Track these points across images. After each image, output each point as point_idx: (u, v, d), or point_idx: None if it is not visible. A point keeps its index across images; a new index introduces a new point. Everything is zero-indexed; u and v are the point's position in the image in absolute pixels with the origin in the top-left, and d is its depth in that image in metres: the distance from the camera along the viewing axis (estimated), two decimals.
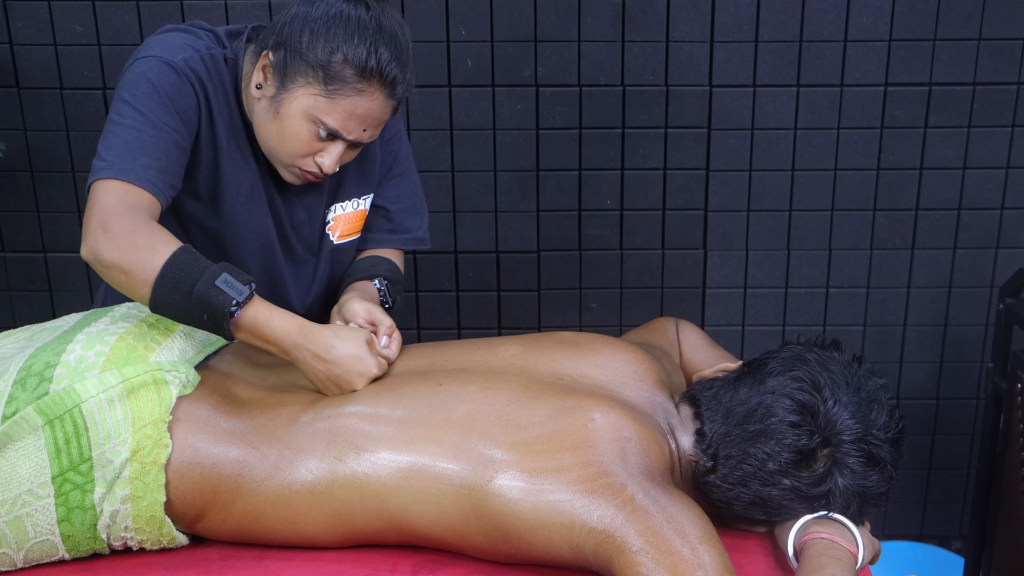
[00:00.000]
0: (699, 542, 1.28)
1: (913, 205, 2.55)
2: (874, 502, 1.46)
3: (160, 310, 1.44)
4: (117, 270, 1.43)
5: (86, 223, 1.45)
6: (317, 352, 1.46)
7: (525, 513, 1.33)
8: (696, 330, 1.83)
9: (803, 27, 2.43)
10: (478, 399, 1.42)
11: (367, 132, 1.58)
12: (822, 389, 1.43)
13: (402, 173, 1.86)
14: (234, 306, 1.42)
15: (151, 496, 1.39)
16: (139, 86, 1.52)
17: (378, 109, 1.56)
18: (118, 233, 1.42)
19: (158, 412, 1.40)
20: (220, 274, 1.42)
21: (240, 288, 1.42)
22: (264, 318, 1.46)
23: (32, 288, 2.60)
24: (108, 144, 1.50)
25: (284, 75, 1.54)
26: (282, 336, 1.46)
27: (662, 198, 2.54)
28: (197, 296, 1.41)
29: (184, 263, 1.42)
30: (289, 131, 1.56)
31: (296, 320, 1.48)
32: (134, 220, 1.44)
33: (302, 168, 1.60)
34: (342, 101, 1.53)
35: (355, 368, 1.47)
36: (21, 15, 2.41)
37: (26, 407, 1.36)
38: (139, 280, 1.42)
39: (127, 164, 1.47)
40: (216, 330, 1.44)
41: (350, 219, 1.81)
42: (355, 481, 1.39)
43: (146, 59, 1.55)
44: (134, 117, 1.50)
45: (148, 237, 1.44)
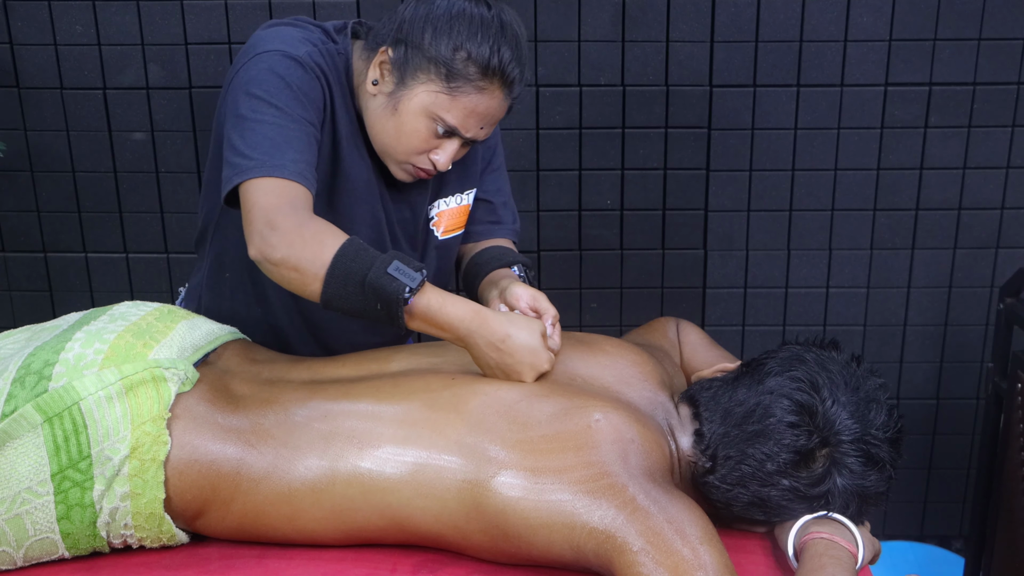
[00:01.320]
0: (699, 542, 1.28)
1: (913, 205, 2.55)
2: (873, 502, 1.46)
3: (333, 304, 1.43)
4: (287, 267, 1.42)
5: (248, 224, 1.44)
6: (492, 340, 1.44)
7: (526, 512, 1.33)
8: (696, 330, 1.83)
9: (803, 27, 2.43)
10: (491, 392, 1.42)
11: (483, 130, 1.58)
12: (820, 389, 1.43)
13: (499, 167, 1.86)
14: (407, 293, 1.40)
15: (150, 493, 1.39)
16: (269, 81, 1.50)
17: (496, 108, 1.56)
18: (285, 230, 1.42)
19: (157, 409, 1.40)
20: (391, 262, 1.42)
21: (412, 275, 1.41)
22: (438, 304, 1.44)
23: (32, 288, 2.60)
24: (250, 141, 1.48)
25: (404, 71, 1.54)
26: (456, 322, 1.45)
27: (662, 198, 2.54)
28: (370, 285, 1.40)
29: (354, 254, 1.42)
30: (407, 128, 1.55)
31: (471, 306, 1.46)
32: (298, 216, 1.43)
33: (415, 165, 1.60)
34: (463, 99, 1.53)
35: (527, 359, 1.45)
36: (21, 15, 2.41)
37: (25, 405, 1.36)
38: (310, 275, 1.41)
39: (276, 160, 1.46)
40: (390, 319, 1.42)
41: (454, 214, 1.81)
42: (357, 477, 1.39)
43: (268, 54, 1.53)
44: (272, 113, 1.49)
45: (315, 232, 1.43)
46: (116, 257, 2.59)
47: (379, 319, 1.43)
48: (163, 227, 2.56)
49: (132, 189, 2.53)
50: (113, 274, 2.60)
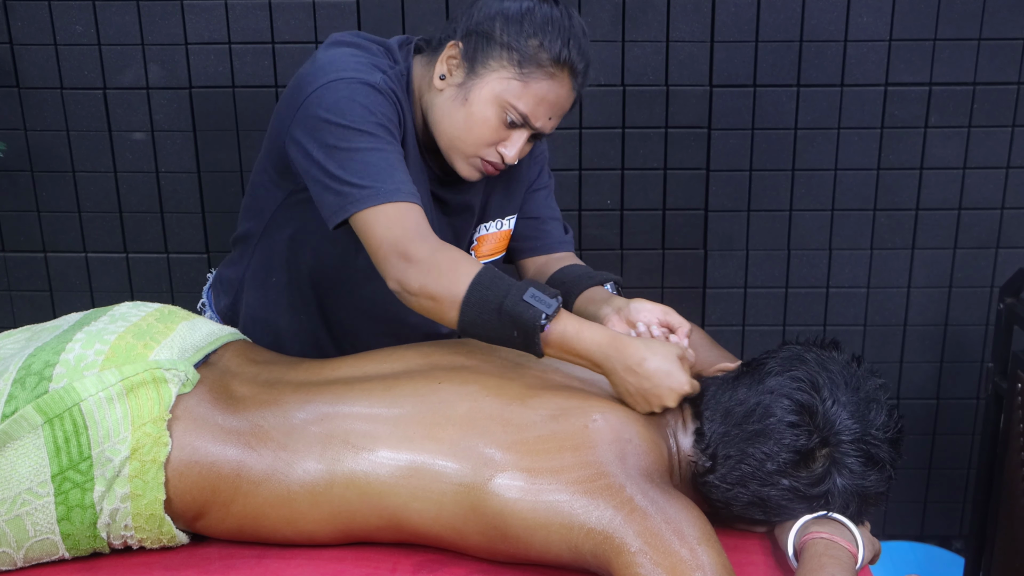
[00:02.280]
0: (697, 543, 1.28)
1: (913, 205, 2.55)
2: (873, 502, 1.46)
3: (469, 331, 1.44)
4: (424, 296, 1.44)
5: (381, 258, 1.46)
6: (629, 365, 1.43)
7: (524, 513, 1.33)
8: (696, 330, 1.83)
9: (803, 27, 2.43)
10: (479, 397, 1.42)
11: (551, 121, 1.59)
12: (821, 389, 1.43)
13: (545, 186, 1.88)
14: (544, 319, 1.41)
15: (151, 494, 1.39)
16: (352, 110, 1.51)
17: (565, 97, 1.58)
18: (419, 260, 1.44)
19: (157, 410, 1.40)
20: (527, 289, 1.42)
21: (548, 302, 1.42)
22: (574, 331, 1.44)
23: (32, 288, 2.60)
24: (352, 169, 1.48)
25: (474, 61, 1.55)
26: (593, 349, 1.44)
27: (662, 198, 2.54)
28: (507, 312, 1.41)
29: (489, 282, 1.43)
30: (478, 116, 1.56)
31: (606, 332, 1.46)
32: (429, 244, 1.45)
33: (484, 159, 1.60)
34: (535, 85, 1.54)
35: (665, 383, 1.44)
36: (21, 15, 2.41)
37: (25, 406, 1.36)
38: (447, 303, 1.43)
39: (389, 186, 1.47)
40: (527, 346, 1.43)
41: (495, 239, 1.83)
42: (354, 480, 1.39)
43: (344, 81, 1.53)
44: (366, 139, 1.50)
45: (450, 260, 1.45)
46: (116, 257, 2.59)
47: (516, 346, 1.45)
48: (163, 227, 2.56)
49: (132, 189, 2.53)
50: (113, 274, 2.59)
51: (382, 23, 2.41)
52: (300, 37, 2.41)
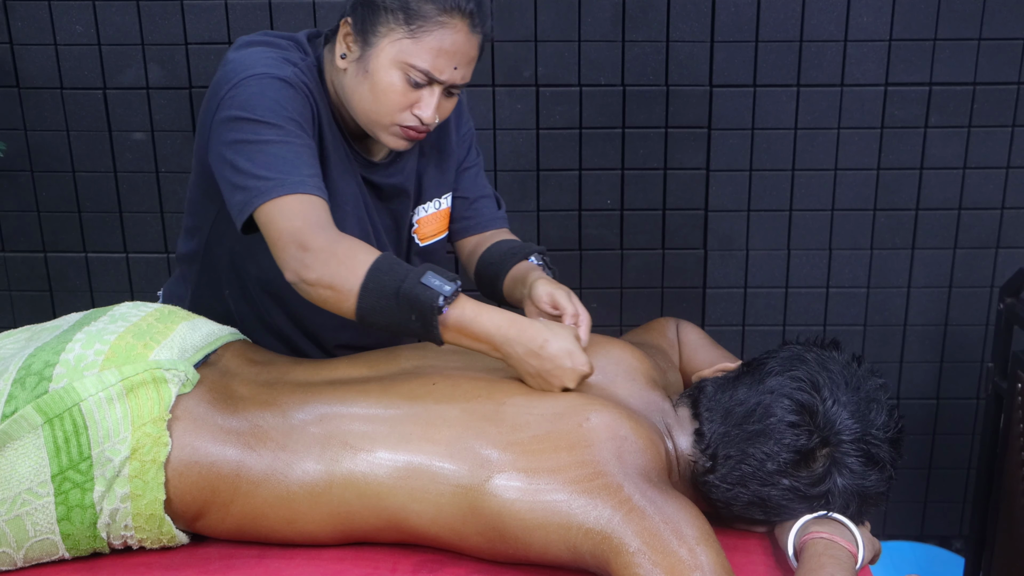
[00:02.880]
0: (696, 543, 1.28)
1: (913, 205, 2.55)
2: (874, 502, 1.46)
3: (368, 318, 1.43)
4: (322, 286, 1.43)
5: (279, 248, 1.45)
6: (531, 348, 1.43)
7: (522, 513, 1.33)
8: (696, 330, 1.83)
9: (803, 27, 2.43)
10: (472, 398, 1.42)
11: (459, 71, 1.55)
12: (821, 389, 1.43)
13: (474, 165, 1.86)
14: (442, 301, 1.40)
15: (151, 494, 1.39)
16: (262, 104, 1.50)
17: (464, 43, 1.54)
18: (316, 250, 1.42)
19: (157, 410, 1.40)
20: (425, 272, 1.42)
21: (446, 284, 1.42)
22: (473, 313, 1.44)
23: (32, 288, 2.60)
24: (260, 163, 1.47)
25: (366, 32, 1.54)
26: (493, 331, 1.44)
27: (662, 198, 2.54)
28: (404, 296, 1.40)
29: (388, 268, 1.42)
30: (381, 85, 1.54)
31: (506, 315, 1.46)
32: (328, 235, 1.44)
33: (402, 125, 1.58)
34: (427, 38, 1.51)
35: (567, 364, 1.44)
36: (21, 15, 2.41)
37: (25, 406, 1.36)
38: (344, 292, 1.42)
39: (292, 178, 1.46)
40: (426, 330, 1.42)
41: (433, 220, 1.82)
42: (353, 480, 1.39)
43: (256, 77, 1.52)
44: (274, 132, 1.49)
45: (347, 249, 1.44)
46: (116, 257, 2.59)
47: (415, 332, 1.43)
48: (163, 227, 2.56)
49: (132, 189, 2.53)
50: (113, 274, 2.60)
51: None
52: None
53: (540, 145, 2.50)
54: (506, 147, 2.50)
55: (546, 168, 2.51)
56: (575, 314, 1.56)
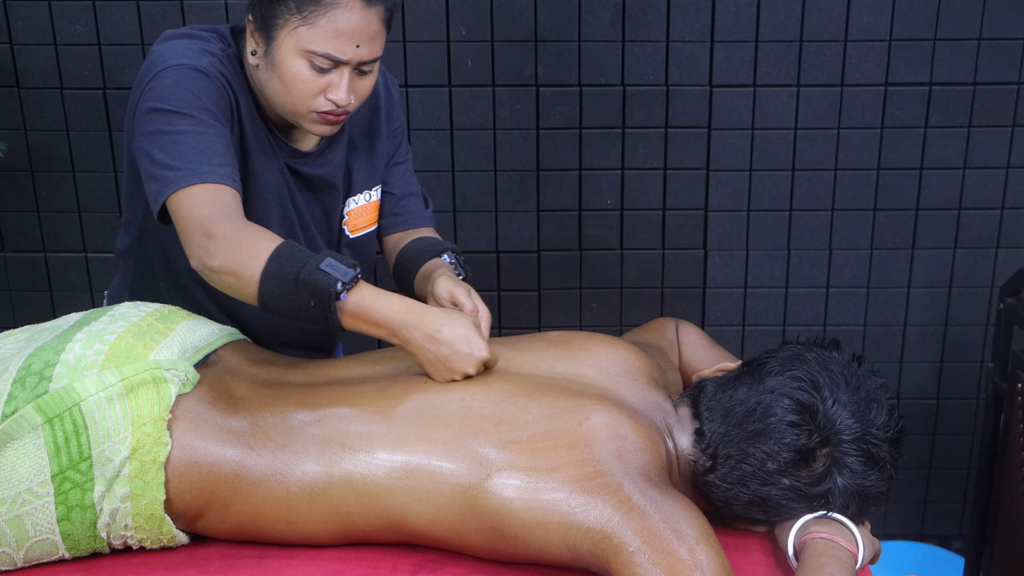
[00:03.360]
0: (696, 542, 1.28)
1: (913, 205, 2.55)
2: (874, 501, 1.46)
3: (270, 305, 1.44)
4: (225, 273, 1.44)
5: (186, 236, 1.46)
6: (428, 333, 1.44)
7: (521, 512, 1.33)
8: (696, 330, 1.83)
9: (803, 27, 2.43)
10: (467, 397, 1.42)
11: (362, 48, 1.55)
12: (821, 388, 1.43)
13: (404, 161, 1.88)
14: (340, 287, 1.41)
15: (151, 494, 1.39)
16: (178, 94, 1.52)
17: (360, 19, 1.52)
18: (221, 237, 1.43)
19: (157, 410, 1.40)
20: (325, 259, 1.43)
21: (345, 270, 1.42)
22: (371, 299, 1.45)
23: (32, 288, 2.60)
24: (173, 153, 1.49)
25: (266, 27, 1.55)
26: (391, 316, 1.45)
27: (662, 198, 2.54)
28: (303, 282, 1.41)
29: (288, 255, 1.43)
30: (288, 76, 1.55)
31: (405, 301, 1.47)
32: (232, 222, 1.45)
33: (319, 112, 1.58)
34: (321, 22, 1.51)
35: (464, 349, 1.44)
36: (21, 15, 2.41)
37: (25, 406, 1.36)
38: (246, 278, 1.43)
39: (203, 167, 1.47)
40: (324, 316, 1.43)
41: (363, 212, 1.83)
42: (352, 481, 1.39)
43: (173, 68, 1.54)
44: (188, 123, 1.50)
45: (250, 236, 1.45)
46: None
47: (314, 318, 1.44)
48: None
49: None
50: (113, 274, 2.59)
51: None
52: None
53: (540, 145, 2.50)
54: (506, 147, 2.50)
55: (546, 168, 2.51)
56: (474, 310, 1.57)
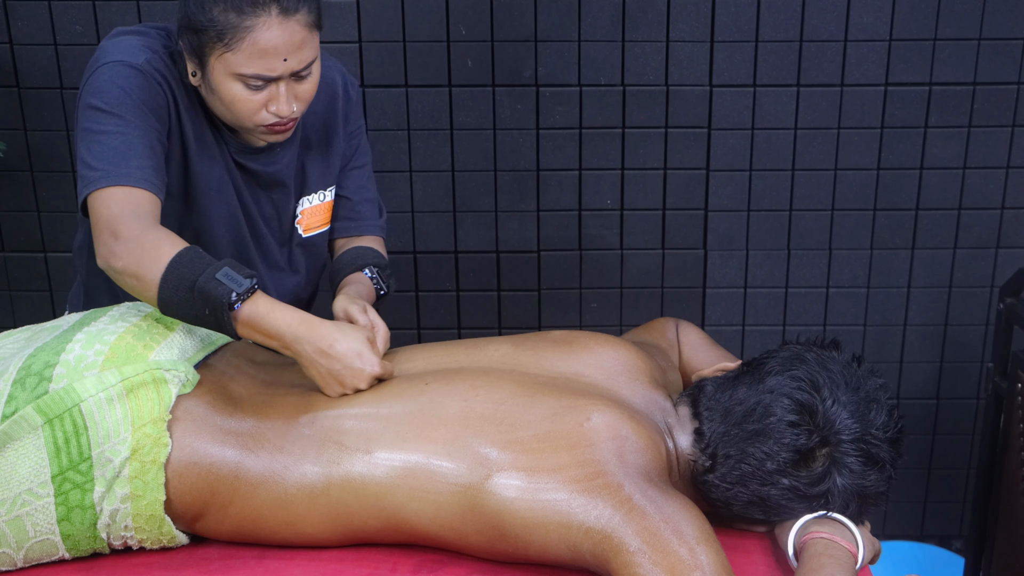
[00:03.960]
0: (696, 542, 1.28)
1: (913, 205, 2.55)
2: (873, 501, 1.46)
3: (168, 309, 1.46)
4: (128, 275, 1.46)
5: (96, 235, 1.48)
6: (320, 346, 1.45)
7: (522, 512, 1.33)
8: (696, 330, 1.83)
9: (803, 27, 2.43)
10: (469, 397, 1.42)
11: (291, 60, 1.55)
12: (821, 388, 1.43)
13: (362, 166, 1.89)
14: (234, 298, 1.42)
15: (151, 495, 1.39)
16: (110, 92, 1.54)
17: (281, 34, 1.52)
18: (126, 239, 1.45)
19: (157, 411, 1.40)
20: (221, 268, 1.44)
21: (240, 281, 1.43)
22: (265, 310, 1.46)
23: (32, 288, 2.60)
24: (96, 153, 1.51)
25: (196, 55, 1.56)
26: (283, 328, 1.46)
27: (662, 198, 2.54)
28: (199, 290, 1.42)
29: (188, 260, 1.44)
30: (227, 97, 1.56)
31: (299, 314, 1.48)
32: (140, 224, 1.46)
33: (265, 125, 1.60)
34: (242, 46, 1.52)
35: (356, 364, 1.46)
36: (21, 15, 2.41)
37: (25, 406, 1.36)
38: (147, 281, 1.44)
39: (122, 169, 1.49)
40: (219, 325, 1.44)
41: (315, 212, 1.84)
42: (351, 481, 1.39)
43: (109, 65, 1.56)
44: (115, 122, 1.52)
45: (155, 239, 1.46)
46: None
47: (210, 324, 1.45)
48: None
49: None
50: None
51: (382, 23, 2.41)
52: None
53: (540, 145, 2.50)
54: (506, 147, 2.50)
55: (546, 168, 2.51)
56: (370, 325, 1.57)
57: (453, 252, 2.57)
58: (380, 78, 2.45)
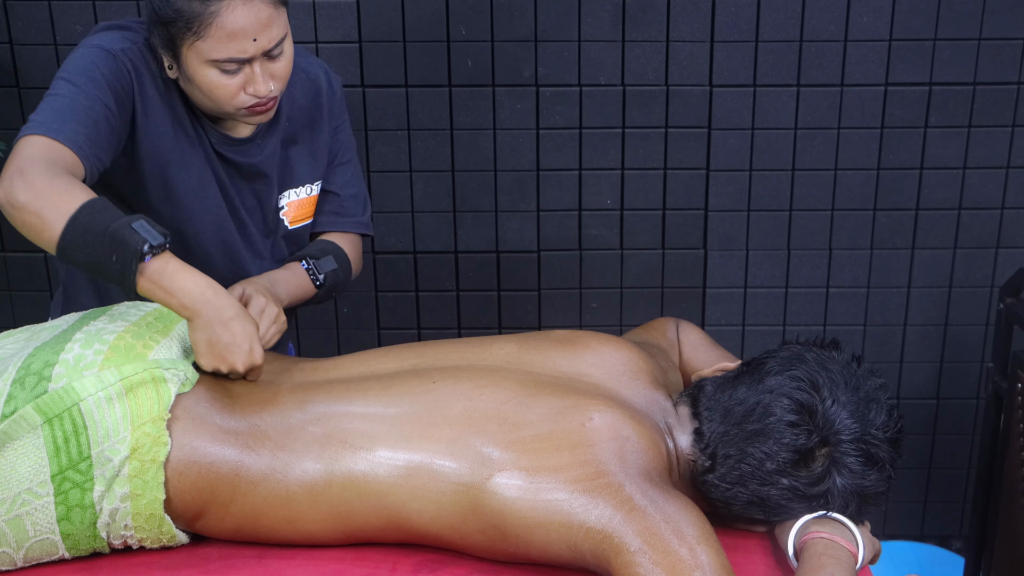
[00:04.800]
0: (696, 542, 1.28)
1: (913, 205, 2.55)
2: (873, 501, 1.46)
3: (68, 251, 1.41)
4: (28, 211, 1.41)
5: (4, 170, 1.45)
6: (222, 316, 1.45)
7: (523, 512, 1.33)
8: (696, 330, 1.83)
9: (803, 27, 2.43)
10: (474, 397, 1.42)
11: (261, 40, 1.56)
12: (820, 388, 1.43)
13: (348, 161, 1.90)
14: (147, 248, 1.39)
15: (150, 494, 1.39)
16: (75, 64, 1.56)
17: (246, 14, 1.54)
18: (35, 177, 1.43)
19: (157, 410, 1.40)
20: (138, 220, 1.42)
21: (155, 235, 1.41)
22: (174, 268, 1.43)
23: (32, 288, 2.60)
24: (39, 110, 1.52)
25: (168, 47, 1.57)
26: (191, 288, 1.44)
27: (662, 198, 2.54)
28: (111, 235, 1.39)
29: (102, 208, 1.42)
30: (206, 85, 1.58)
31: (210, 282, 1.47)
32: (54, 171, 1.44)
33: (247, 108, 1.61)
34: (210, 31, 1.53)
35: (246, 345, 1.47)
36: (21, 15, 2.41)
37: (25, 406, 1.36)
38: (51, 221, 1.40)
39: (55, 125, 1.49)
40: (123, 275, 1.40)
41: (301, 205, 1.85)
42: (353, 479, 1.39)
43: (86, 47, 1.59)
44: (68, 89, 1.53)
45: (67, 185, 1.43)
46: None
47: (110, 274, 1.42)
48: None
49: None
50: None
51: (382, 23, 2.41)
52: (300, 37, 2.41)
53: (540, 145, 2.50)
54: (506, 147, 2.50)
55: (546, 168, 2.52)
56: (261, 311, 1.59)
57: (453, 252, 2.57)
58: (380, 78, 2.45)
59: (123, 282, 1.42)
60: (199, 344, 1.47)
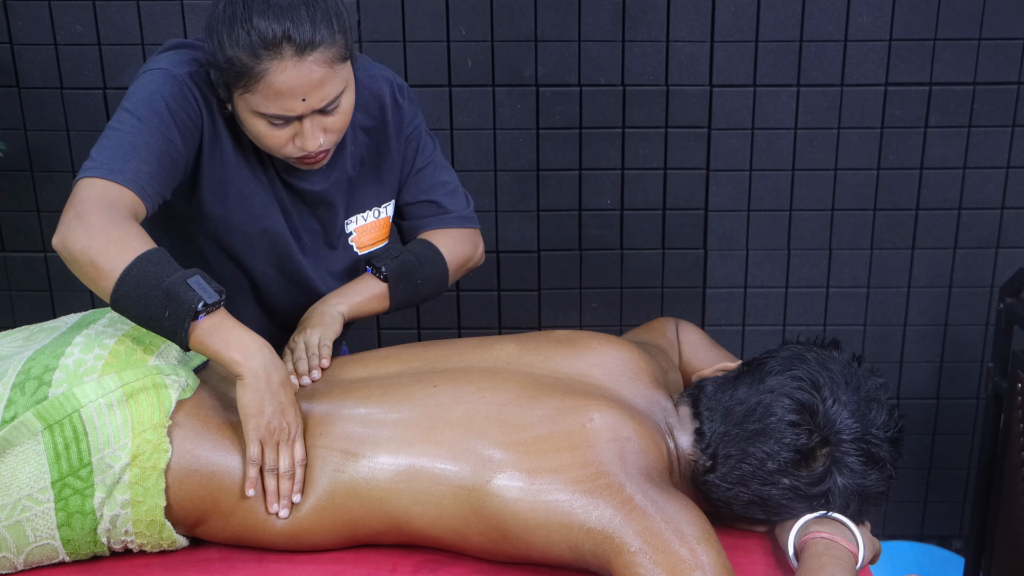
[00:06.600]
0: (697, 542, 1.28)
1: (913, 205, 2.55)
2: (874, 501, 1.46)
3: (121, 303, 1.39)
4: (86, 259, 1.38)
5: (62, 215, 1.42)
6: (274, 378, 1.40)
7: (524, 513, 1.33)
8: (696, 330, 1.83)
9: (803, 27, 2.43)
10: (475, 399, 1.42)
11: (311, 99, 1.51)
12: (821, 388, 1.43)
13: (427, 164, 1.82)
14: (201, 307, 1.37)
15: (151, 501, 1.39)
16: (141, 96, 1.51)
17: (297, 75, 1.48)
18: (93, 223, 1.39)
19: (157, 417, 1.39)
20: (194, 275, 1.39)
21: (211, 292, 1.39)
22: (231, 324, 1.41)
23: (32, 288, 2.60)
24: (100, 147, 1.48)
25: (224, 87, 1.53)
26: (248, 342, 1.40)
27: (662, 198, 2.54)
28: (165, 289, 1.36)
29: (157, 261, 1.39)
30: (254, 132, 1.55)
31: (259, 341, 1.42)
32: (112, 215, 1.41)
33: (296, 157, 1.58)
34: (258, 87, 1.48)
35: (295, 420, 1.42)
36: (21, 15, 2.41)
37: (25, 412, 1.36)
38: (105, 271, 1.37)
39: (116, 165, 1.46)
40: (174, 330, 1.38)
41: (370, 229, 1.80)
42: (355, 488, 1.39)
43: (152, 71, 1.54)
44: (131, 123, 1.49)
45: (124, 232, 1.40)
46: None
47: (162, 329, 1.39)
48: None
49: None
50: None
51: (382, 23, 2.41)
52: None
53: (540, 145, 2.50)
54: (506, 147, 2.50)
55: (546, 168, 2.51)
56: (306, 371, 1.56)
57: None
58: None
59: (174, 338, 1.39)
60: (249, 406, 1.40)
